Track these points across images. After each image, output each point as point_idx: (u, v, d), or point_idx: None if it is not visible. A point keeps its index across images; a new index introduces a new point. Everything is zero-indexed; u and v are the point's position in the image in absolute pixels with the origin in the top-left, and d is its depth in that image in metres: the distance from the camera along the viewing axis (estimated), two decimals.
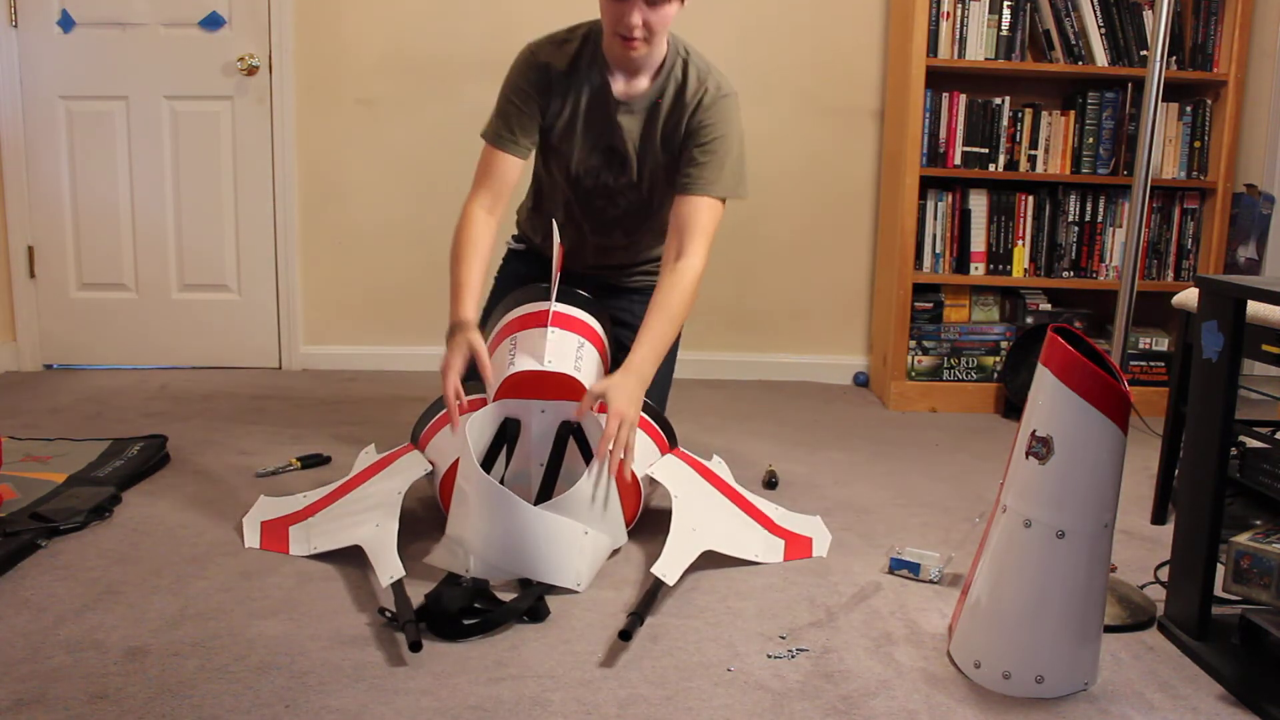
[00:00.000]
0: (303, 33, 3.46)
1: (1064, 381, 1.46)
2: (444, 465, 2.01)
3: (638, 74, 2.17)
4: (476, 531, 1.83)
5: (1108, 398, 1.44)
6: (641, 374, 1.99)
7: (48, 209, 3.50)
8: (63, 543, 1.96)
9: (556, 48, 2.19)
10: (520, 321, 2.14)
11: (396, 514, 1.89)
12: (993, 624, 1.53)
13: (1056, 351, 1.47)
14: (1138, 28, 3.16)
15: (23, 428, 2.78)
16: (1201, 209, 3.28)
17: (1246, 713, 1.47)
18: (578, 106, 2.19)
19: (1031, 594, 1.49)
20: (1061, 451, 1.46)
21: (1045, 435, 1.47)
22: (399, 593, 1.69)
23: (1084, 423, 1.45)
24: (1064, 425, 1.46)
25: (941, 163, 3.22)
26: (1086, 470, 1.46)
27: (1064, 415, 1.46)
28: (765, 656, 1.59)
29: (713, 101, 2.16)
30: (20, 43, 3.41)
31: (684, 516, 1.92)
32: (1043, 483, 1.48)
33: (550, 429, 1.98)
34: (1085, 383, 1.44)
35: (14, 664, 1.51)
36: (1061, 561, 1.47)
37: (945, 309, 3.30)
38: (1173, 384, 2.24)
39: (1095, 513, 1.47)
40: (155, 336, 3.58)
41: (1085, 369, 1.44)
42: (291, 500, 2.17)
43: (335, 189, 3.56)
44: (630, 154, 2.21)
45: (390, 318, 3.62)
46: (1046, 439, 1.47)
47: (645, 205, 2.29)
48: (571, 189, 2.28)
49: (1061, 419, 1.46)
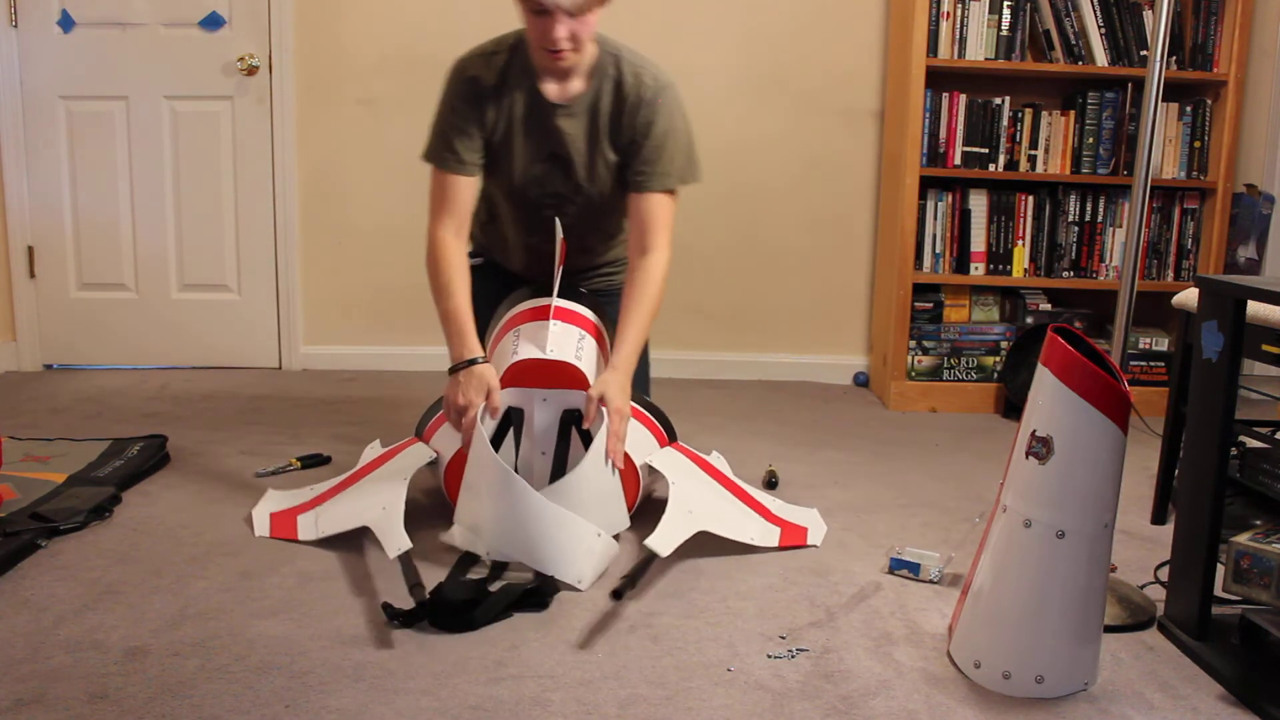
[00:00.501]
0: (303, 33, 3.46)
1: (1064, 381, 1.46)
2: (448, 455, 2.06)
3: (570, 78, 2.16)
4: (487, 518, 1.87)
5: (1108, 398, 1.44)
6: (628, 369, 2.07)
7: (48, 209, 3.50)
8: (63, 543, 1.96)
9: (484, 61, 2.17)
10: (523, 315, 2.19)
11: (403, 497, 1.94)
12: (993, 624, 1.53)
13: (1056, 351, 1.47)
14: (1138, 28, 3.16)
15: (23, 428, 2.78)
16: (1201, 209, 3.28)
17: (1246, 713, 1.47)
18: (513, 118, 2.16)
19: (1031, 594, 1.49)
20: (1061, 451, 1.46)
21: (1045, 435, 1.47)
22: (406, 563, 1.75)
23: (1084, 423, 1.45)
24: (1064, 425, 1.46)
25: (941, 163, 3.22)
26: (1086, 470, 1.46)
27: (1064, 415, 1.46)
28: (765, 656, 1.59)
29: (653, 95, 2.15)
30: (20, 43, 3.41)
31: (681, 500, 1.97)
32: (1043, 483, 1.48)
33: (553, 417, 2.02)
34: (1085, 383, 1.44)
35: (14, 664, 1.51)
36: (1062, 561, 1.47)
37: (945, 309, 3.30)
38: (1173, 384, 2.24)
39: (1095, 513, 1.47)
40: (155, 336, 3.58)
41: (1085, 369, 1.44)
42: (300, 492, 2.22)
43: (335, 189, 3.56)
44: (574, 158, 2.19)
45: (390, 318, 3.62)
46: (1046, 439, 1.47)
47: (594, 209, 2.27)
48: (517, 201, 2.26)
49: (1061, 419, 1.46)
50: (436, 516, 2.11)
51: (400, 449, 2.18)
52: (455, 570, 1.85)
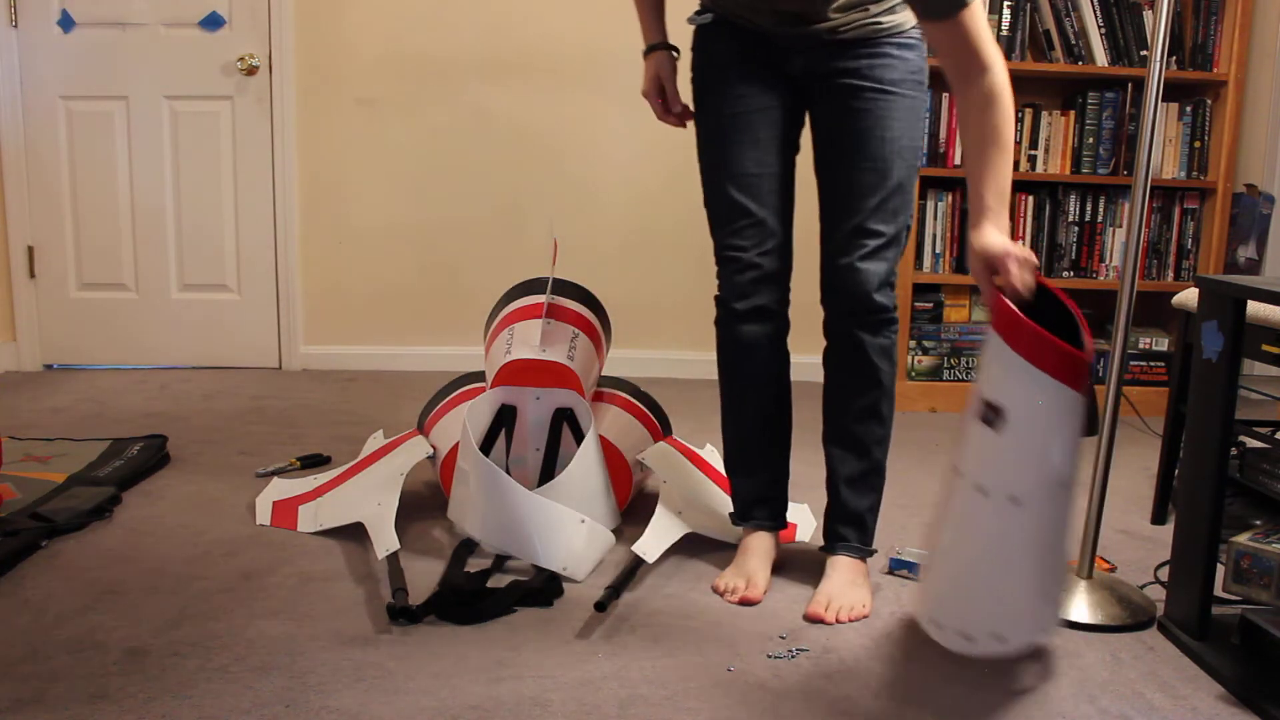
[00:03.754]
0: (303, 33, 3.46)
1: (1013, 347, 1.38)
2: (445, 449, 2.11)
3: None
4: (475, 510, 1.91)
5: (1060, 362, 1.36)
6: (1001, 217, 1.57)
7: (48, 209, 3.50)
8: (63, 543, 1.96)
9: None
10: (518, 314, 2.21)
11: (398, 492, 1.99)
12: (951, 587, 1.50)
13: (1003, 316, 1.41)
14: (1138, 28, 3.16)
15: (23, 428, 2.78)
16: (1201, 209, 3.28)
17: (1246, 713, 1.47)
18: None
19: (988, 559, 1.45)
20: (1014, 420, 1.39)
21: (996, 403, 1.41)
22: (393, 564, 1.79)
23: (1035, 390, 1.38)
24: (1014, 393, 1.39)
25: (941, 163, 3.21)
26: (1038, 436, 1.40)
27: (1013, 383, 1.40)
28: (765, 656, 1.59)
29: None
30: (20, 43, 3.41)
31: (670, 500, 1.99)
32: (995, 450, 1.42)
33: (544, 415, 2.06)
34: (1034, 348, 1.37)
35: (14, 664, 1.50)
36: (1017, 527, 1.41)
37: (945, 309, 3.30)
38: (1173, 384, 2.24)
39: (1051, 477, 1.41)
40: (155, 336, 3.58)
41: (1033, 335, 1.36)
42: (303, 482, 2.27)
43: (335, 189, 3.56)
44: None
45: (390, 318, 3.62)
46: (998, 407, 1.40)
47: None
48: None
49: (1011, 387, 1.40)
50: (436, 509, 2.14)
51: (401, 441, 2.22)
52: (454, 563, 1.88)
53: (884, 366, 1.80)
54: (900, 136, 1.73)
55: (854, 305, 1.76)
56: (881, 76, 1.71)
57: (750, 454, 1.91)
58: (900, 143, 1.73)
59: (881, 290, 1.75)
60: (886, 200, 1.73)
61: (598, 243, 3.55)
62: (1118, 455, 2.64)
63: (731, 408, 1.91)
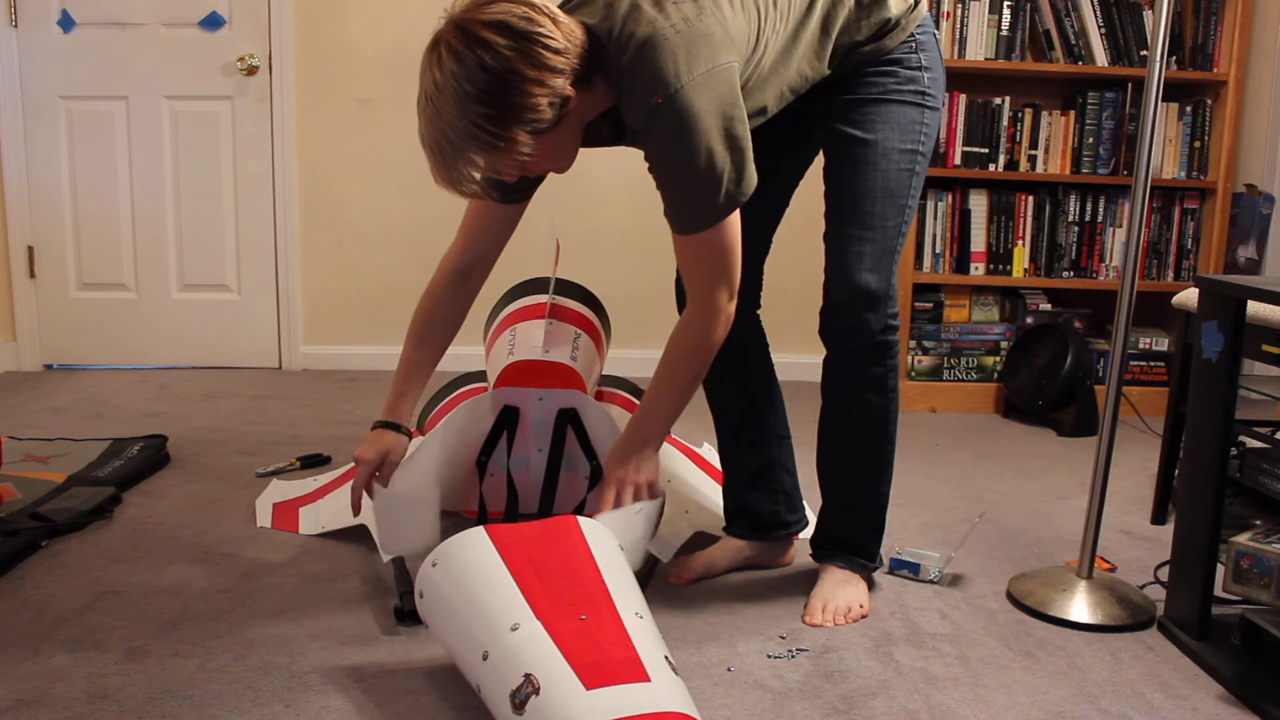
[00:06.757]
0: (303, 32, 3.46)
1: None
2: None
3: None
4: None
5: None
6: (636, 441, 1.67)
7: (48, 209, 3.50)
8: (63, 543, 1.96)
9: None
10: (519, 314, 2.21)
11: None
12: None
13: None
14: (1138, 28, 3.16)
15: (23, 428, 2.78)
16: (1201, 209, 3.28)
17: (1246, 713, 1.47)
18: None
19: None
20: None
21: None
22: (399, 567, 1.79)
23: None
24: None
25: (941, 163, 3.22)
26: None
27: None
28: (765, 656, 1.59)
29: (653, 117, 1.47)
30: (20, 43, 3.41)
31: (676, 502, 2.01)
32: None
33: (547, 416, 2.04)
34: None
35: (14, 664, 1.51)
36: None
37: (945, 309, 3.30)
38: (1173, 384, 2.24)
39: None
40: (155, 336, 3.58)
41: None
42: (303, 483, 2.26)
43: (335, 189, 3.56)
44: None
45: (390, 318, 3.62)
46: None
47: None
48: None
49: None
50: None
51: None
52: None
53: (874, 399, 1.70)
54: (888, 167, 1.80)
55: (839, 326, 1.77)
56: (863, 120, 1.77)
57: (727, 465, 1.97)
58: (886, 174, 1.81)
59: (873, 306, 1.73)
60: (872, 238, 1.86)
61: (598, 242, 3.55)
62: (1118, 455, 2.64)
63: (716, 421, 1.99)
